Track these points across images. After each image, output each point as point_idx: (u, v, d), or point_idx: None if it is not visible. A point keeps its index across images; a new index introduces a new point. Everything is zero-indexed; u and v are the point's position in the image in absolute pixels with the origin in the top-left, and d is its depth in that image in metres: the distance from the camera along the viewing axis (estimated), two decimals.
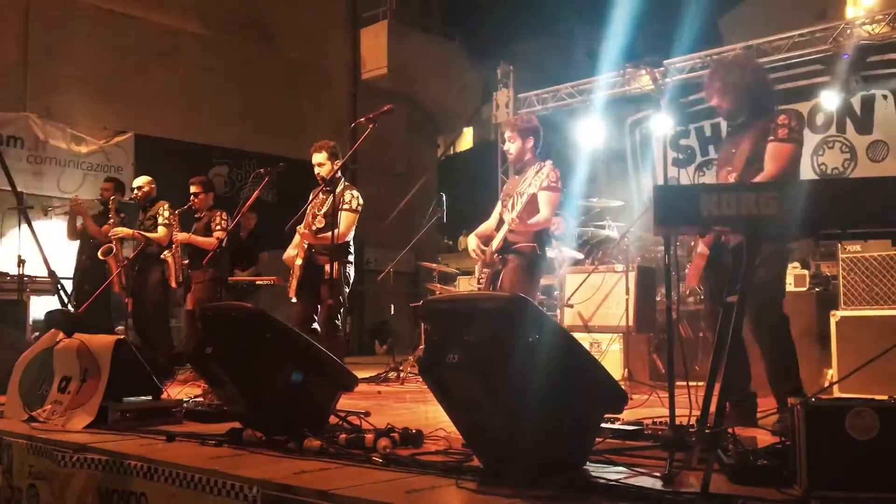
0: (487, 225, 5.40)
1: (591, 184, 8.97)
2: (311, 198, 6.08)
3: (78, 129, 11.01)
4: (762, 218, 2.36)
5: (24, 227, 6.17)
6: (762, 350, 3.91)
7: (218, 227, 7.00)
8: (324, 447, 3.03)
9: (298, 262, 5.88)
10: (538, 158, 5.14)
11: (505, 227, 4.98)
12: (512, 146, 5.19)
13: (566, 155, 9.65)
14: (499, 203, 5.44)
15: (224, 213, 7.11)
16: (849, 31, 8.48)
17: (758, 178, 3.77)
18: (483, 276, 5.15)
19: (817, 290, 5.94)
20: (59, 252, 8.76)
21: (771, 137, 3.85)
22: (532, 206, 4.91)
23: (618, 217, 8.38)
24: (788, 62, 8.62)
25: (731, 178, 3.90)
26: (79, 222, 7.93)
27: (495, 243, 5.04)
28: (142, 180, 7.45)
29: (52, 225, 9.16)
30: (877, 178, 3.06)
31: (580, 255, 7.48)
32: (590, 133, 9.92)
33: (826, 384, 5.11)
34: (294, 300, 5.94)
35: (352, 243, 6.04)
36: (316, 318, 5.96)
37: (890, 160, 8.26)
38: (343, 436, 3.15)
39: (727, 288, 2.89)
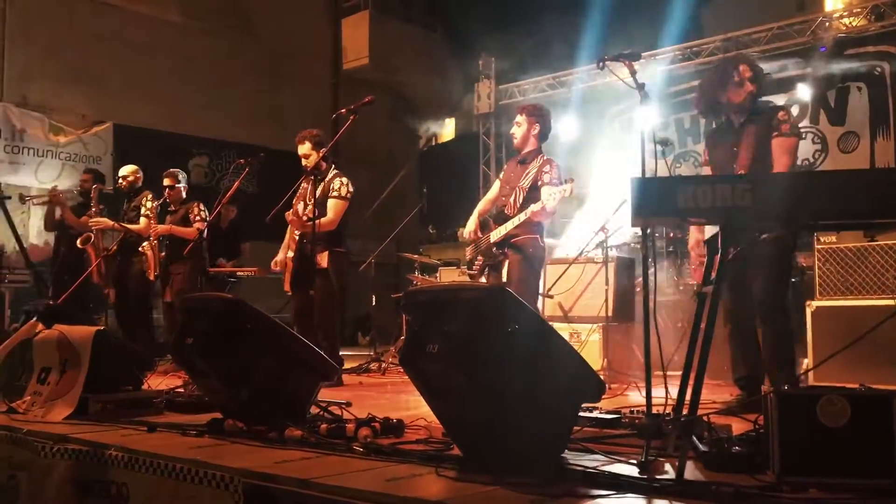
0: (487, 199, 5.48)
1: (570, 175, 8.98)
2: (296, 186, 6.04)
3: (56, 119, 10.90)
4: (738, 209, 2.40)
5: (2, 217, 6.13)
6: (764, 339, 4.04)
7: (197, 219, 6.97)
8: (305, 437, 3.05)
9: (290, 254, 5.79)
10: (542, 150, 5.30)
11: (511, 223, 5.05)
12: (518, 130, 5.27)
13: (546, 146, 9.67)
14: (496, 183, 5.51)
15: (201, 204, 7.08)
16: (827, 24, 8.57)
17: (776, 171, 3.90)
18: (477, 263, 5.22)
19: (793, 280, 6.02)
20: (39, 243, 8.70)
21: (776, 133, 4.01)
22: (530, 200, 5.05)
23: (597, 208, 8.42)
24: (767, 54, 8.70)
25: None
26: (57, 213, 7.86)
27: (494, 236, 5.11)
28: (127, 170, 7.41)
29: (30, 215, 9.09)
30: (849, 170, 3.14)
31: (558, 244, 7.53)
32: (569, 124, 9.96)
33: (800, 373, 5.18)
34: (290, 293, 5.86)
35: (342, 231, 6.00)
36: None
37: (860, 151, 8.36)
38: (324, 425, 3.16)
39: (703, 278, 2.93)
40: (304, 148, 5.89)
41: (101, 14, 11.47)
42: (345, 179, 5.90)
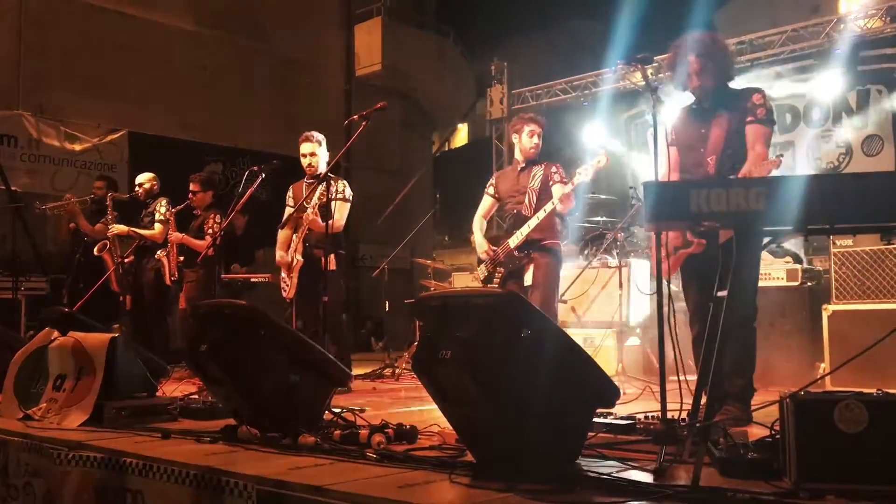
0: (480, 216, 5.49)
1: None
2: (291, 192, 6.05)
3: (71, 127, 10.99)
4: (751, 213, 2.38)
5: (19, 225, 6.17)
6: (730, 343, 3.91)
7: (209, 231, 6.98)
8: (318, 443, 3.05)
9: (299, 257, 5.76)
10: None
11: (533, 221, 5.06)
12: (537, 140, 5.29)
13: (561, 150, 9.67)
14: (486, 198, 5.50)
15: (218, 216, 7.07)
16: (842, 26, 8.50)
17: (752, 161, 3.73)
18: (498, 274, 5.21)
19: (809, 284, 5.97)
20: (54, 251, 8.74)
21: (751, 118, 3.80)
22: (545, 199, 5.10)
23: (612, 212, 8.40)
24: (782, 57, 8.65)
25: (712, 162, 3.87)
26: (72, 221, 7.89)
27: (515, 240, 5.10)
28: (144, 177, 7.47)
29: (46, 223, 9.16)
30: (863, 173, 3.09)
31: (574, 248, 7.52)
32: (584, 128, 9.94)
33: (817, 377, 5.13)
34: (288, 300, 5.81)
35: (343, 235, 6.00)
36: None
37: (885, 154, 8.28)
38: (337, 432, 3.16)
39: (718, 283, 2.91)
40: (310, 146, 5.88)
41: (115, 23, 11.56)
42: (345, 182, 5.98)
